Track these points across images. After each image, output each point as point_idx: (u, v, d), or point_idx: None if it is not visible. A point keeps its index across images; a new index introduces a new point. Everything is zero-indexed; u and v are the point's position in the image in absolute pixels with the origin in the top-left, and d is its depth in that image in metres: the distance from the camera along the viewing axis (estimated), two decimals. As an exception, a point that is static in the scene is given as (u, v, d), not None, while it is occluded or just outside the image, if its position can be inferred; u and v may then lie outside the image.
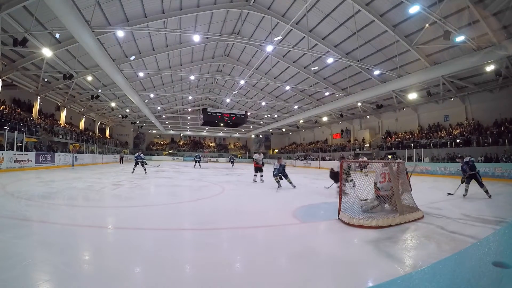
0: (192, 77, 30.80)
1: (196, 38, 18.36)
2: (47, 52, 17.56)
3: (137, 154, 17.99)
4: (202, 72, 33.97)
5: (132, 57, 23.46)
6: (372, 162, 6.90)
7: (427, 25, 15.68)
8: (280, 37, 19.83)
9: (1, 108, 20.23)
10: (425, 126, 27.10)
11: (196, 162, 30.17)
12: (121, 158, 36.32)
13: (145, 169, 17.28)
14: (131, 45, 22.33)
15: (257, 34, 24.47)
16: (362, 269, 3.35)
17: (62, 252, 3.51)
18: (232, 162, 34.75)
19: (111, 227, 5.21)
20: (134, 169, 17.46)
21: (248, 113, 37.18)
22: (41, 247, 3.70)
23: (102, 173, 15.36)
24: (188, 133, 60.37)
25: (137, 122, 49.63)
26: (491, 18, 14.39)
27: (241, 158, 60.19)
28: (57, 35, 17.25)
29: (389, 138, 29.97)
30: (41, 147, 22.25)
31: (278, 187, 10.74)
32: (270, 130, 52.85)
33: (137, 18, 18.83)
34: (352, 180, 8.35)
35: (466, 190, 9.27)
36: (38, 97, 25.02)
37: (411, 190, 6.64)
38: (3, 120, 18.70)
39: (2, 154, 15.80)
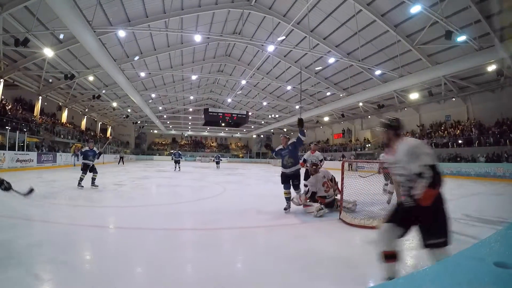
0: (193, 77, 30.81)
1: (198, 38, 18.39)
2: (48, 52, 17.60)
3: None
4: (204, 72, 33.94)
5: (136, 57, 23.45)
6: (373, 162, 6.87)
7: (427, 26, 15.68)
8: (283, 37, 19.80)
9: (2, 108, 20.26)
10: (427, 126, 27.02)
11: (175, 163, 22.73)
12: (121, 158, 33.54)
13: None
14: (133, 45, 22.35)
15: (258, 34, 24.45)
16: (363, 269, 3.35)
17: (63, 251, 3.52)
18: (217, 163, 28.85)
19: (112, 227, 5.23)
20: None
21: (250, 113, 37.20)
22: (42, 246, 3.70)
23: (103, 173, 15.36)
24: (190, 133, 60.46)
25: (139, 122, 49.66)
26: (493, 18, 14.38)
27: (243, 158, 60.34)
28: (61, 36, 17.23)
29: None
30: (43, 147, 22.29)
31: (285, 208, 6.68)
32: (272, 130, 52.83)
33: (139, 18, 18.87)
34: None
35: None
36: (40, 97, 25.07)
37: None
38: (4, 120, 18.74)
39: (4, 154, 15.83)
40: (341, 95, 27.35)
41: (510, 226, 1.42)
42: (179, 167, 22.53)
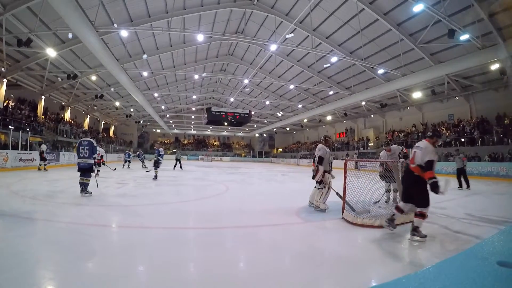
0: (196, 76, 30.82)
1: (200, 37, 18.37)
2: (51, 52, 17.68)
3: None
4: (206, 71, 33.99)
5: (144, 56, 23.28)
6: (375, 161, 6.85)
7: (430, 25, 15.61)
8: (291, 34, 19.74)
9: (6, 108, 20.32)
10: (430, 125, 26.86)
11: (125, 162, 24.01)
12: (178, 160, 29.57)
13: None
14: (135, 44, 22.41)
15: (261, 33, 24.41)
16: (366, 269, 3.35)
17: (66, 250, 3.54)
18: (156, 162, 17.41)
19: (115, 226, 5.24)
20: None
21: (252, 112, 37.19)
22: (45, 245, 3.73)
23: (106, 172, 15.38)
24: (192, 132, 60.58)
25: (141, 121, 49.81)
26: (496, 16, 14.32)
27: (245, 157, 60.44)
28: (70, 35, 17.00)
29: (392, 137, 29.74)
30: (47, 146, 22.34)
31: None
32: (274, 129, 52.90)
33: (141, 18, 18.91)
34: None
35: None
36: (43, 97, 25.19)
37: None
38: (7, 120, 18.82)
39: (7, 153, 15.91)
40: (347, 94, 27.26)
41: (513, 226, 1.42)
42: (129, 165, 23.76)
